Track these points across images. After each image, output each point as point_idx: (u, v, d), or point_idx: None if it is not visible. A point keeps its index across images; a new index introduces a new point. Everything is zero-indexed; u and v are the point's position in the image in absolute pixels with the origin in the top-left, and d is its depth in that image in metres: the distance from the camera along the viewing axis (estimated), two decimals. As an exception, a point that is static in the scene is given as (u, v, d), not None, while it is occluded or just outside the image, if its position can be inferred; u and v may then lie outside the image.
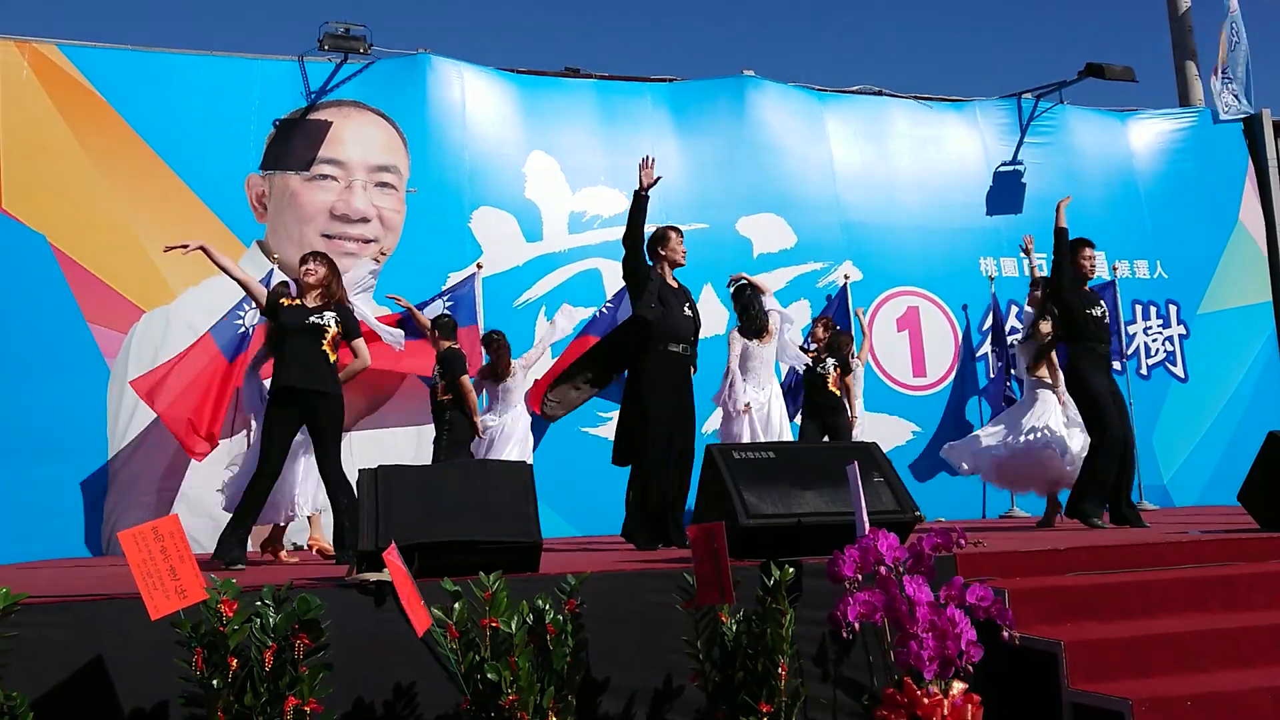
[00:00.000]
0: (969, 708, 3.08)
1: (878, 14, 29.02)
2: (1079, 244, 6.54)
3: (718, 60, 31.83)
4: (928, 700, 3.04)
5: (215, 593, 2.81)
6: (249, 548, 5.67)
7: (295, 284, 6.01)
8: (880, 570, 3.07)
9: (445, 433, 7.47)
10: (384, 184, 9.30)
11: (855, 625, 3.09)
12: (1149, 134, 11.58)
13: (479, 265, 8.98)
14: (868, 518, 3.45)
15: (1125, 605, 3.88)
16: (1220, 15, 11.87)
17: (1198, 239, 11.25)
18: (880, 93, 11.11)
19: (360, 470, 3.94)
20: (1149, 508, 8.99)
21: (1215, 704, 3.26)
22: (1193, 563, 4.30)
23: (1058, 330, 7.03)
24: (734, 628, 3.33)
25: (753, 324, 7.39)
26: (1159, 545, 4.46)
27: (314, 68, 9.36)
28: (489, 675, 2.97)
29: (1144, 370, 10.85)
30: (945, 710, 3.04)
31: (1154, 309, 11.05)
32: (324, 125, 9.24)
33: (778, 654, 3.24)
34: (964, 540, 3.20)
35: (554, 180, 9.78)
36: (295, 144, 9.12)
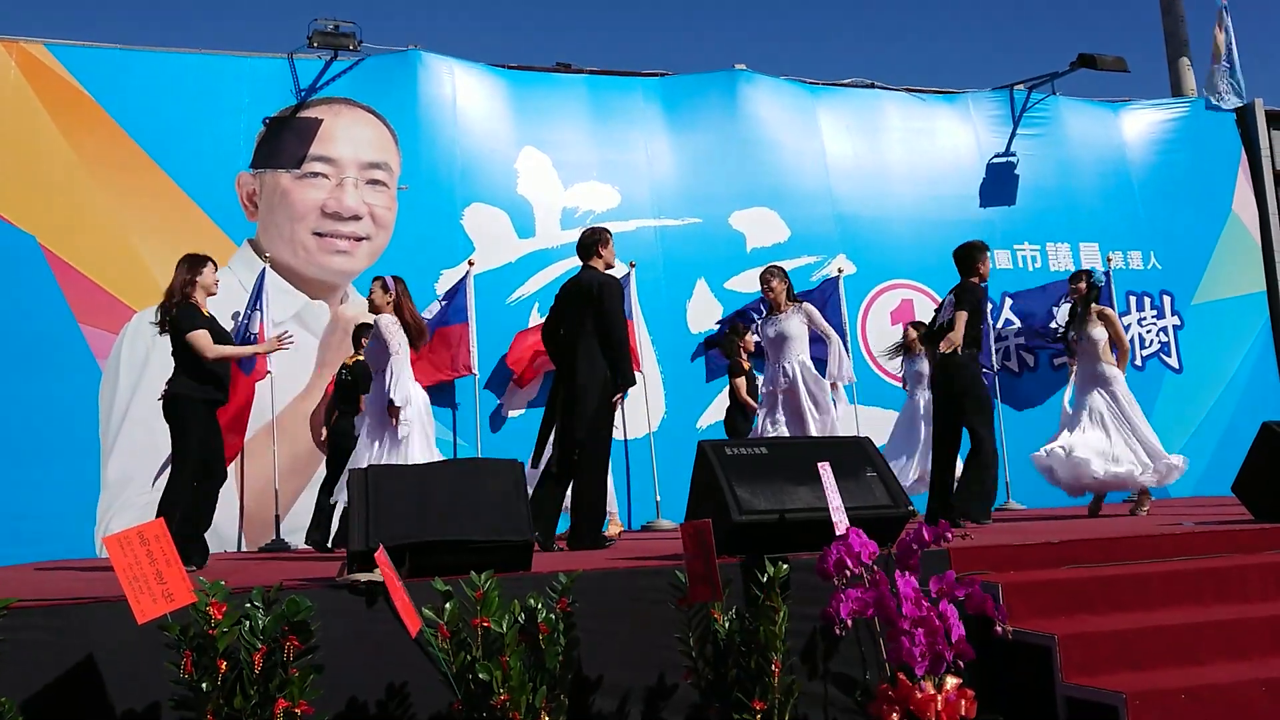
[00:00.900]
0: (962, 702, 3.07)
1: (869, 7, 29.01)
2: (982, 247, 6.79)
3: (709, 54, 31.81)
4: (921, 695, 3.03)
5: (204, 595, 2.79)
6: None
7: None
8: (860, 568, 3.06)
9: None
10: (375, 181, 9.27)
11: (848, 622, 3.09)
12: (1142, 125, 11.57)
13: (471, 262, 8.96)
14: (845, 517, 3.43)
15: (1119, 598, 3.87)
16: (1213, 5, 11.89)
17: (1191, 229, 11.26)
18: (872, 85, 11.10)
19: (350, 470, 3.92)
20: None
21: (1209, 696, 3.25)
22: (1187, 555, 4.29)
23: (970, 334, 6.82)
24: (726, 625, 3.32)
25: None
26: (1153, 537, 4.45)
27: (304, 65, 9.33)
28: (481, 675, 2.95)
29: (1138, 361, 10.85)
30: (939, 705, 3.03)
31: (1148, 300, 11.06)
32: (314, 123, 9.21)
33: (771, 650, 3.23)
34: (950, 534, 3.20)
35: (546, 176, 9.76)
36: (285, 142, 9.10)
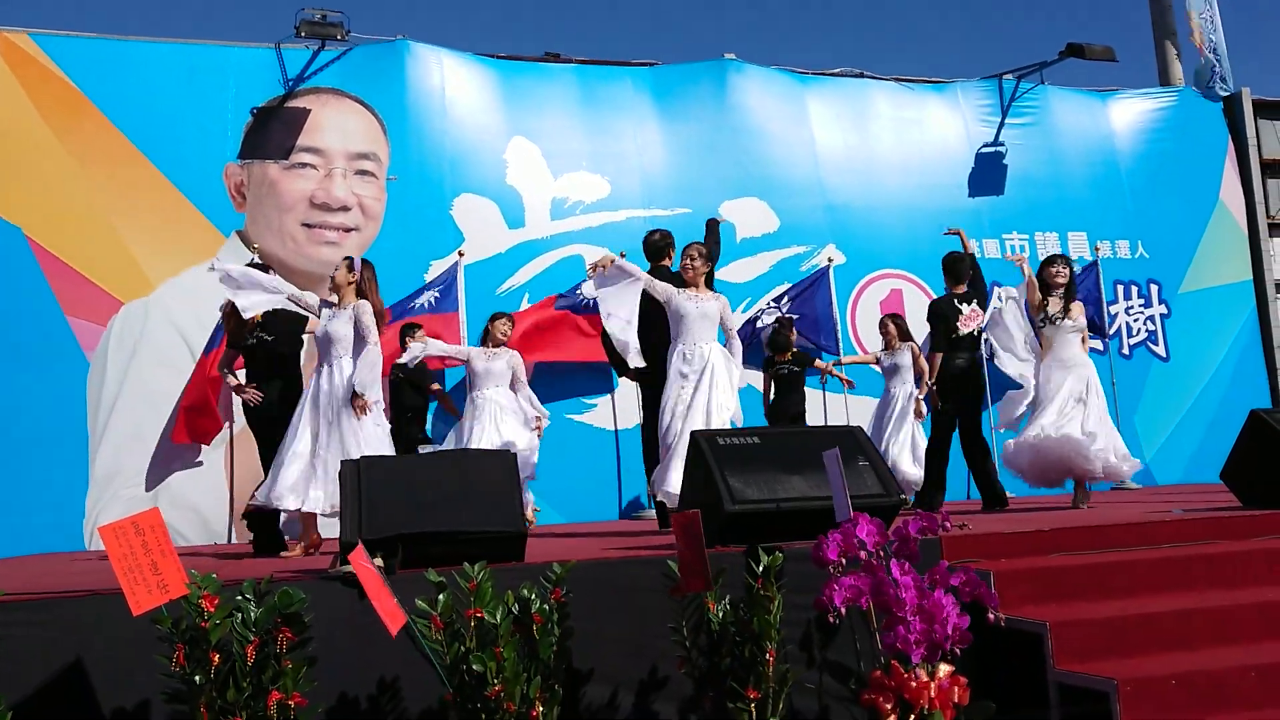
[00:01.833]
0: (955, 689, 3.08)
1: (858, -4, 28.93)
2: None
3: (699, 44, 31.75)
4: (915, 683, 3.03)
5: (196, 588, 2.78)
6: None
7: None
8: (864, 555, 3.06)
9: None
10: (364, 172, 9.23)
11: (842, 610, 3.09)
12: (1130, 114, 11.60)
13: (461, 253, 8.92)
14: (850, 501, 3.43)
15: (1110, 585, 3.89)
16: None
17: (1179, 218, 11.30)
18: (861, 75, 11.09)
19: (342, 461, 3.91)
20: (1132, 487, 9.02)
21: (1200, 682, 3.27)
22: (1177, 541, 4.31)
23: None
24: (720, 614, 3.32)
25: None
26: (1143, 525, 4.47)
27: (291, 55, 9.27)
28: (474, 666, 2.95)
29: (1125, 350, 10.90)
30: (932, 692, 3.04)
31: (1135, 289, 11.10)
32: (302, 113, 9.16)
33: (765, 640, 3.23)
34: (949, 523, 3.20)
35: (535, 166, 9.73)
36: (273, 132, 9.04)
